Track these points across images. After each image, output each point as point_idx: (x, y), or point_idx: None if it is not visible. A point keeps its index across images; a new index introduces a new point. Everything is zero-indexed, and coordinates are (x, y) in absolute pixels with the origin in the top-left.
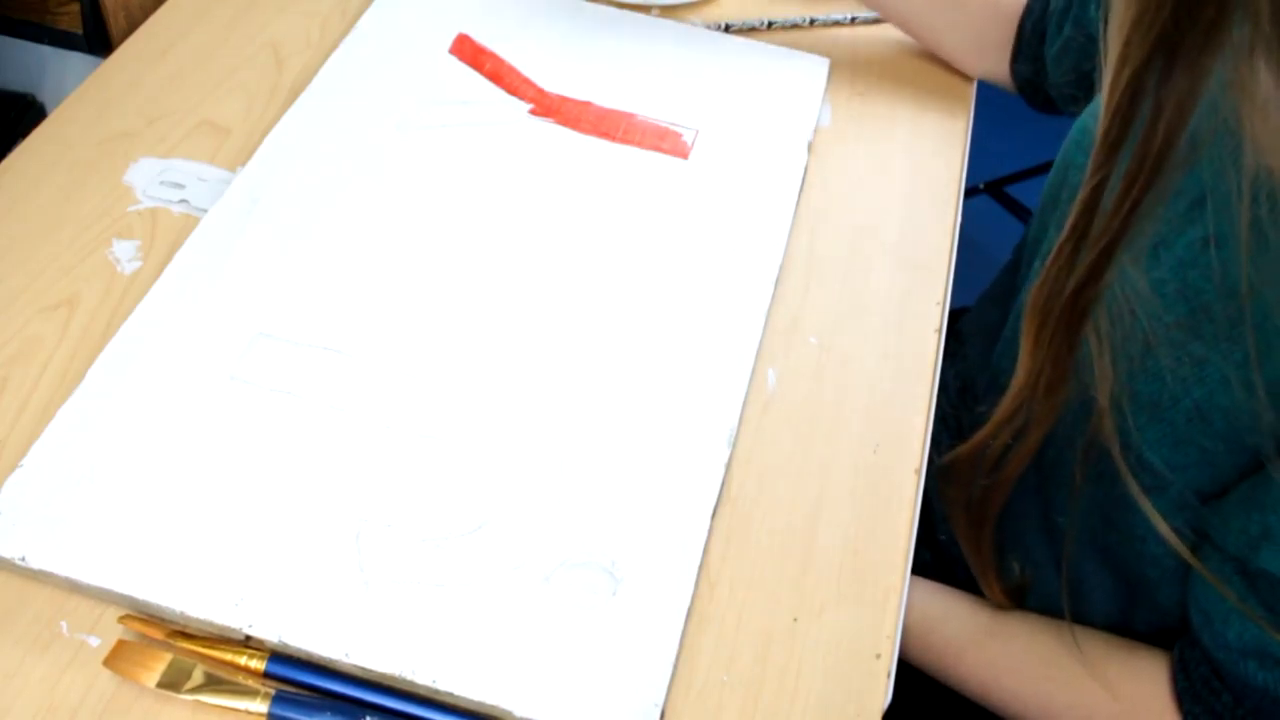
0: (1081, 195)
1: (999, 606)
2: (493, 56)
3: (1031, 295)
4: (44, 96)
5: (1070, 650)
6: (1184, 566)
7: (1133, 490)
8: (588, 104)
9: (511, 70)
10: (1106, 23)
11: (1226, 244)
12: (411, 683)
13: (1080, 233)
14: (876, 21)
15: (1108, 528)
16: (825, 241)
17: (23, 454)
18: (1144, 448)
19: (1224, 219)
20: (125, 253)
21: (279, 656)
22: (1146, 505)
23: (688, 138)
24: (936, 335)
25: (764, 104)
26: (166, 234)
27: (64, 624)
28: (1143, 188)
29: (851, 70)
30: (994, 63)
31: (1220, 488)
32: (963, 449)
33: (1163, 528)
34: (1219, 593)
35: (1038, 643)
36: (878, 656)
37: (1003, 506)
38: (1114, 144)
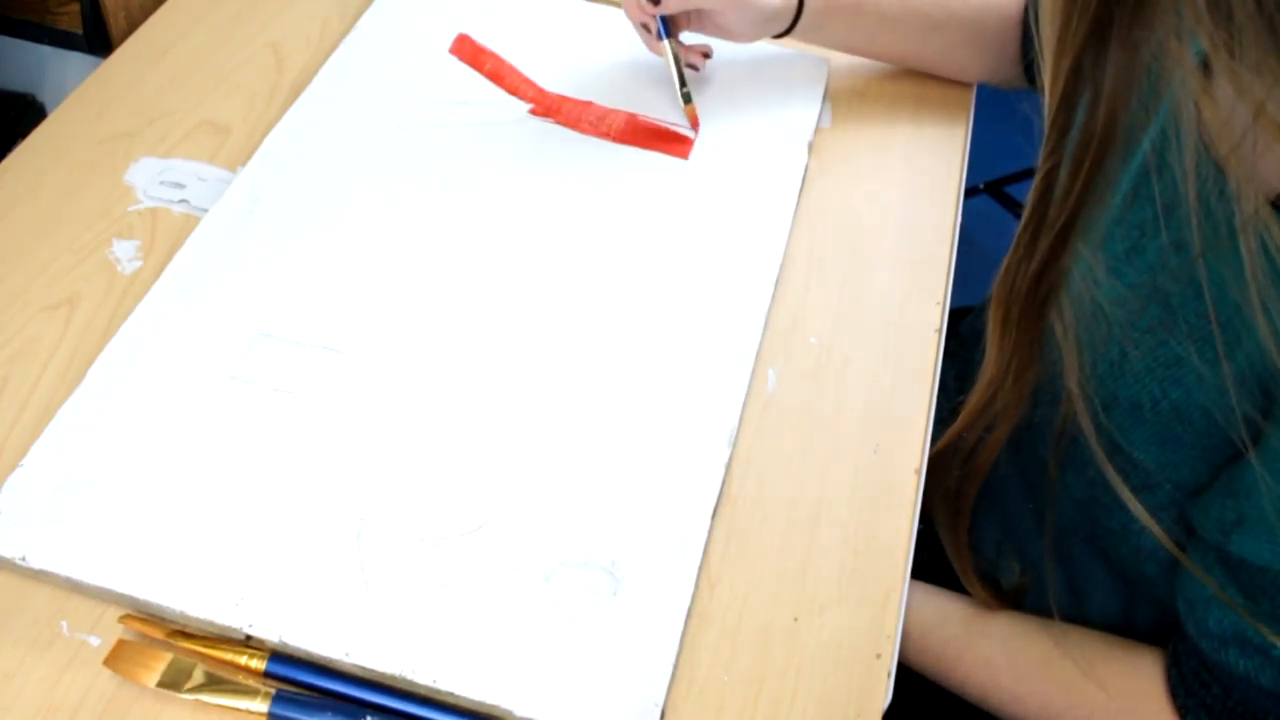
0: (1035, 184)
1: (985, 604)
2: (493, 56)
3: (995, 287)
4: (44, 96)
5: (1068, 650)
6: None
7: (1116, 484)
8: (588, 104)
9: (511, 70)
10: (1038, 18)
11: (1192, 245)
12: (411, 682)
13: (1037, 220)
14: None
15: (1100, 527)
16: (825, 241)
17: (23, 454)
18: (1134, 448)
19: (1189, 222)
20: (125, 253)
21: (279, 656)
22: (1126, 494)
23: (688, 137)
24: (936, 335)
25: (764, 104)
26: (166, 234)
27: (64, 624)
28: (1091, 169)
29: (851, 70)
30: (995, 67)
31: (1207, 482)
32: (940, 442)
33: (1149, 523)
34: (1201, 581)
35: (1035, 643)
36: (878, 656)
37: (976, 499)
38: (1061, 131)
